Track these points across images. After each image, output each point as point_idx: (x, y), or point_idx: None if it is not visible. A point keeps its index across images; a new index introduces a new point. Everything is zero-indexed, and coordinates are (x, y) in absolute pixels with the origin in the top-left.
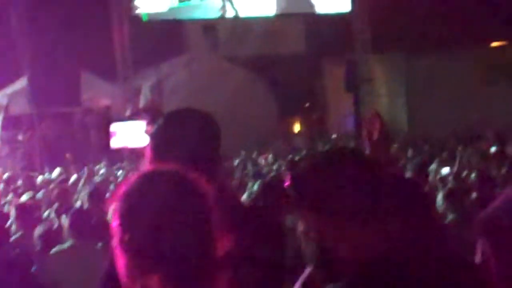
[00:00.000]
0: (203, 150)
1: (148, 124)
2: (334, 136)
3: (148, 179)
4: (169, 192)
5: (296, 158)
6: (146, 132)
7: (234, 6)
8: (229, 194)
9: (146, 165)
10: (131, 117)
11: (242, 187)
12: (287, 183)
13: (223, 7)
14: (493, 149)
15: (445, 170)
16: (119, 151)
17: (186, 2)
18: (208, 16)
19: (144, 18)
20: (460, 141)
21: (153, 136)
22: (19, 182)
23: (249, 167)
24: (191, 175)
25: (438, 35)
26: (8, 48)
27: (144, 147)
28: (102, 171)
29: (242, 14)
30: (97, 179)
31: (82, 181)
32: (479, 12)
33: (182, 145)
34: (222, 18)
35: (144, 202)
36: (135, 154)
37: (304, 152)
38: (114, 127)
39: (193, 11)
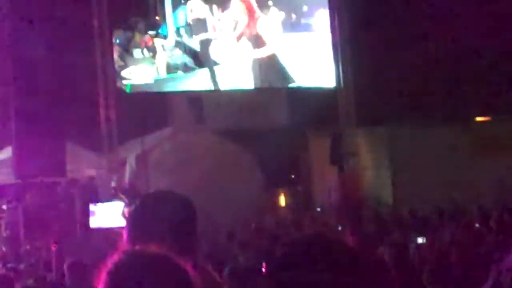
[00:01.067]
0: (178, 232)
1: (126, 206)
2: (319, 209)
3: (131, 259)
4: (151, 272)
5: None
6: (123, 214)
7: (217, 79)
8: (208, 274)
9: (123, 246)
10: (110, 198)
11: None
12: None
13: (211, 79)
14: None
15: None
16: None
17: (173, 73)
18: (193, 88)
19: (128, 90)
20: (444, 216)
21: (130, 219)
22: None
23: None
24: (170, 255)
25: (422, 109)
26: None
27: (122, 228)
28: None
29: (226, 87)
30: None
31: None
32: (464, 87)
33: (157, 227)
34: (207, 90)
35: (127, 283)
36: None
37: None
38: (93, 207)
39: (179, 82)
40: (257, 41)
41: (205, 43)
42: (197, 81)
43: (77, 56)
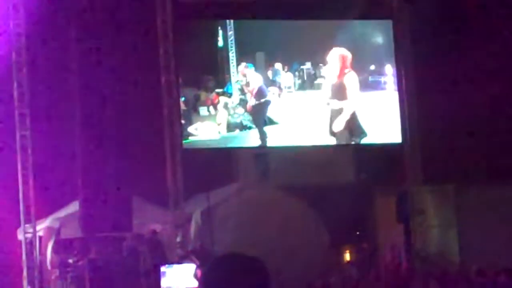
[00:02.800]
0: None
1: (197, 267)
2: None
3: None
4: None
5: None
6: (195, 276)
7: (267, 139)
8: None
9: None
10: (180, 260)
11: None
12: None
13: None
14: None
15: None
16: None
17: (232, 131)
18: (258, 145)
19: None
20: None
21: (203, 282)
22: None
23: None
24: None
25: (490, 166)
26: (61, 173)
27: None
28: None
29: (293, 143)
30: None
31: None
32: None
33: None
34: (273, 147)
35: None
36: None
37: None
38: (164, 268)
39: (238, 140)
40: (341, 94)
41: (262, 105)
42: (252, 140)
43: (145, 112)
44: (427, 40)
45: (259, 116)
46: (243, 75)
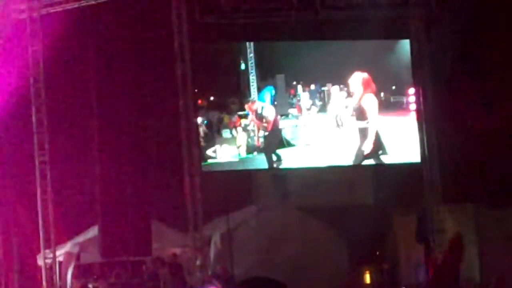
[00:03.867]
0: None
1: None
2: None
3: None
4: None
5: None
6: None
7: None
8: None
9: None
10: (202, 285)
11: None
12: None
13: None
14: None
15: None
16: None
17: (251, 153)
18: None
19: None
20: None
21: None
22: None
23: None
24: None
25: (508, 186)
26: (80, 198)
27: None
28: None
29: (312, 164)
30: None
31: None
32: None
33: None
34: (291, 168)
35: None
36: None
37: None
38: None
39: (261, 161)
40: (362, 115)
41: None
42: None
43: (163, 136)
44: (447, 60)
45: (271, 144)
46: (251, 110)
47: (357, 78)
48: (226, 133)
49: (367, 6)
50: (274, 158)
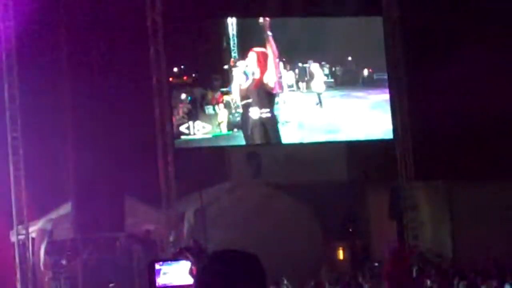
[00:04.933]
0: None
1: (192, 264)
2: (376, 264)
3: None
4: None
5: None
6: (190, 273)
7: (278, 133)
8: None
9: None
10: (175, 258)
11: None
12: None
13: (266, 134)
14: None
15: None
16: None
17: (231, 131)
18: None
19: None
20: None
21: (197, 279)
22: None
23: None
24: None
25: (480, 163)
26: (53, 174)
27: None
28: None
29: (285, 141)
30: None
31: None
32: None
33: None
34: (265, 144)
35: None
36: None
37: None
38: (159, 266)
39: (233, 140)
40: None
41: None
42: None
43: (136, 113)
44: (419, 39)
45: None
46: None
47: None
48: (209, 109)
49: None
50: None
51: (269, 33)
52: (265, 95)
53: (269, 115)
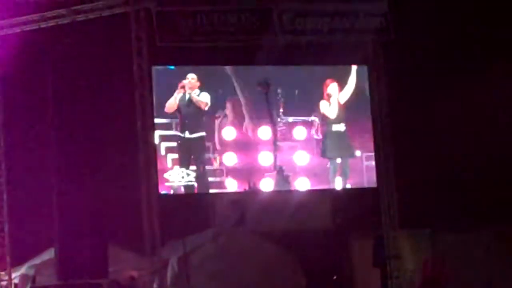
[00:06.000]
0: None
1: None
2: None
3: None
4: None
5: None
6: None
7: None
8: None
9: None
10: None
11: None
12: None
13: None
14: None
15: None
16: None
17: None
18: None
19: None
20: None
21: None
22: None
23: None
24: None
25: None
26: (36, 219)
27: None
28: None
29: (268, 189)
30: None
31: None
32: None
33: None
34: (250, 192)
35: None
36: None
37: None
38: None
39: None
40: None
41: None
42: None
43: (120, 158)
44: (404, 84)
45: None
46: None
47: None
48: None
49: (326, 31)
50: None
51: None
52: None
53: None
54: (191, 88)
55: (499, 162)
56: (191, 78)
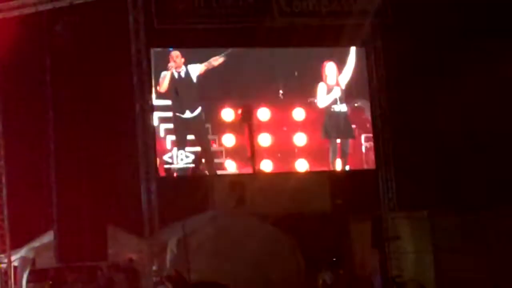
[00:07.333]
0: None
1: None
2: None
3: None
4: None
5: None
6: None
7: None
8: None
9: None
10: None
11: None
12: None
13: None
14: None
15: None
16: None
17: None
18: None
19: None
20: None
21: None
22: None
23: None
24: None
25: (463, 192)
26: (36, 202)
27: None
28: None
29: (270, 170)
30: None
31: None
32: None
33: None
34: (249, 174)
35: None
36: None
37: None
38: None
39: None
40: None
41: None
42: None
43: (119, 141)
44: (401, 67)
45: None
46: None
47: None
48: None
49: (324, 13)
50: None
51: None
52: None
53: None
54: (178, 66)
55: (497, 143)
56: (175, 56)
